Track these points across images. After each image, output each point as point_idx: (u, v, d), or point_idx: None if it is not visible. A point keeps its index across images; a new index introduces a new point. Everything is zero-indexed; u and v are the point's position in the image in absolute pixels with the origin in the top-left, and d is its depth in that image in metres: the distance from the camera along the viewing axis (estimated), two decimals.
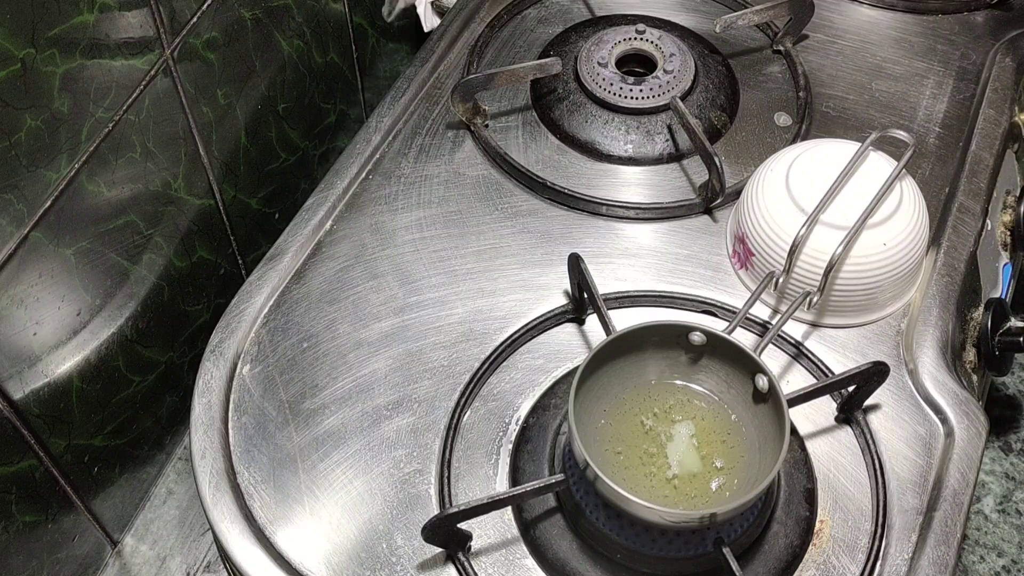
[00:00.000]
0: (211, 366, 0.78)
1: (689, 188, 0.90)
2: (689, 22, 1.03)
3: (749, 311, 0.75)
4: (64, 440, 0.78)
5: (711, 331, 0.69)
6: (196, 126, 0.84)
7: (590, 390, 0.69)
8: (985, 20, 1.05)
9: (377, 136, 0.93)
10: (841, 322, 0.81)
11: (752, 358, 0.67)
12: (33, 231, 0.68)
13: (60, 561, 0.82)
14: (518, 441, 0.74)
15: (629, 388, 0.71)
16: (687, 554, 0.67)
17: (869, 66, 1.00)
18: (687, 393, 0.71)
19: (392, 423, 0.76)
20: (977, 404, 0.76)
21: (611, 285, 0.83)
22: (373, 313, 0.82)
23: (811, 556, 0.69)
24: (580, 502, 0.68)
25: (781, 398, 0.65)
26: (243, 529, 0.70)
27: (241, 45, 0.88)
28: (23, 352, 0.71)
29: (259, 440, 0.75)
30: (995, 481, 1.08)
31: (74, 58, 0.68)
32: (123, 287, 0.81)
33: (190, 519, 0.91)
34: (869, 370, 0.71)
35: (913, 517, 0.71)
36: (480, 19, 1.03)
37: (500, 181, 0.91)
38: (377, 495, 0.72)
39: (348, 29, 1.06)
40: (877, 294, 0.79)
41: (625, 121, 0.92)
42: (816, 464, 0.73)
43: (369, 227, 0.87)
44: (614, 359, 0.69)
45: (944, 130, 0.95)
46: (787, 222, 0.79)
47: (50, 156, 0.68)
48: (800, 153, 0.82)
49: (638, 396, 0.71)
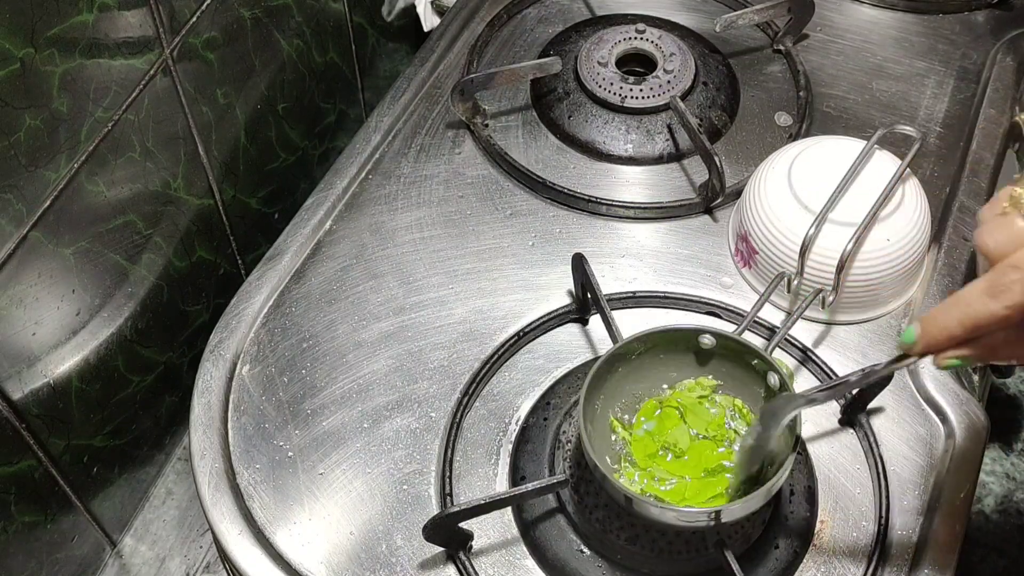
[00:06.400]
0: (210, 366, 0.78)
1: (689, 188, 0.90)
2: (689, 22, 1.02)
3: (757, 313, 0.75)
4: (63, 440, 0.77)
5: (723, 333, 0.69)
6: (195, 126, 0.84)
7: (599, 391, 0.69)
8: (986, 20, 1.05)
9: (377, 136, 0.93)
10: (845, 318, 0.81)
11: (764, 357, 0.67)
12: (32, 231, 0.68)
13: (59, 561, 0.82)
14: (518, 441, 0.74)
15: (637, 389, 0.71)
16: (688, 555, 0.67)
17: (870, 66, 1.00)
18: (695, 394, 0.71)
19: (392, 423, 0.76)
20: (978, 404, 0.76)
21: (611, 285, 0.83)
22: (373, 313, 0.82)
23: (812, 557, 0.69)
24: (581, 502, 0.68)
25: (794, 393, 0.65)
26: (242, 529, 0.70)
27: (241, 45, 0.88)
28: (22, 352, 0.71)
29: (258, 440, 0.75)
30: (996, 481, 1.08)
31: (73, 58, 0.68)
32: (122, 287, 0.81)
33: (189, 519, 0.91)
34: None
35: (914, 517, 0.71)
36: (480, 18, 1.03)
37: (500, 181, 0.91)
38: (377, 495, 0.72)
39: (348, 29, 1.06)
40: (880, 290, 0.79)
41: (625, 121, 0.92)
42: (817, 464, 0.73)
43: (369, 227, 0.87)
44: (623, 361, 0.69)
45: (945, 130, 0.95)
46: (791, 219, 0.79)
47: (49, 156, 0.68)
48: (801, 150, 0.82)
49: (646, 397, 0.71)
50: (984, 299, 0.50)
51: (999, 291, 0.49)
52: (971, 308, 0.51)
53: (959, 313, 0.51)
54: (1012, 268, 0.49)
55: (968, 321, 0.51)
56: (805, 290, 0.79)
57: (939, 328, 0.52)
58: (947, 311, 0.52)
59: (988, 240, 0.51)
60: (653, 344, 0.69)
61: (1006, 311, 0.49)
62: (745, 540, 0.68)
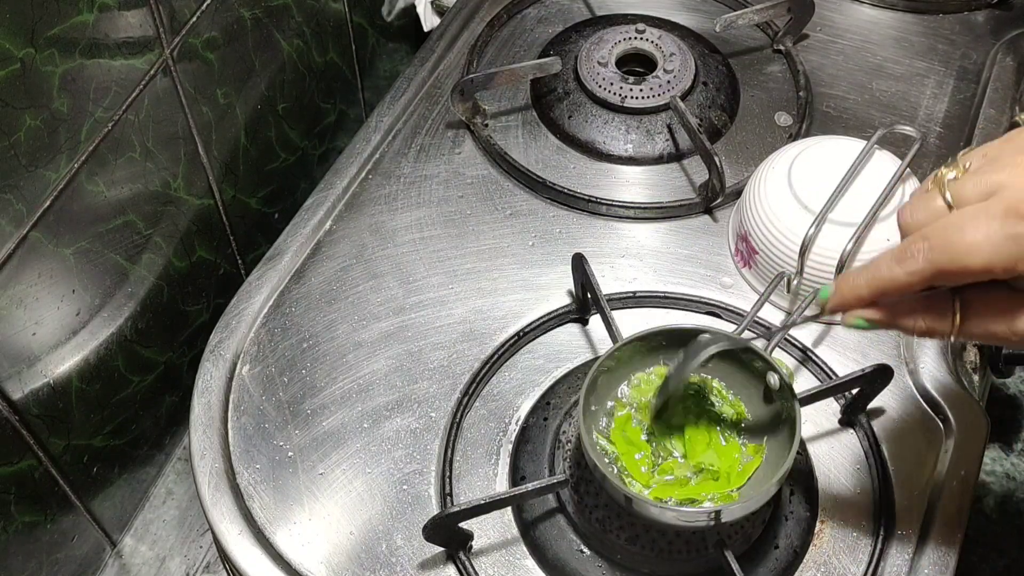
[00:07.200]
0: (210, 366, 0.78)
1: (689, 188, 0.90)
2: (689, 22, 1.02)
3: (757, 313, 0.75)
4: (63, 440, 0.77)
5: (723, 333, 0.68)
6: (195, 126, 0.84)
7: (599, 391, 0.68)
8: (986, 20, 1.05)
9: (377, 136, 0.93)
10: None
11: (764, 357, 0.67)
12: (32, 231, 0.68)
13: (59, 561, 0.82)
14: (518, 441, 0.74)
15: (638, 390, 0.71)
16: (688, 555, 0.67)
17: (870, 66, 1.00)
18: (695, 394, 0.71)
19: (392, 423, 0.76)
20: (978, 404, 0.76)
21: (611, 285, 0.83)
22: (373, 313, 0.82)
23: (812, 557, 0.69)
24: (581, 502, 0.68)
25: (793, 394, 0.65)
26: (242, 529, 0.70)
27: (241, 45, 0.88)
28: (22, 352, 0.71)
29: (258, 440, 0.75)
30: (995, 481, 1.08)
31: (73, 58, 0.68)
32: (122, 287, 0.81)
33: (189, 519, 0.91)
34: (873, 373, 0.71)
35: (914, 518, 0.71)
36: (480, 18, 1.03)
37: (500, 181, 0.91)
38: (377, 495, 0.72)
39: (348, 29, 1.06)
40: None
41: (625, 121, 0.92)
42: (817, 464, 0.73)
43: (369, 227, 0.87)
44: (624, 361, 0.69)
45: (945, 130, 0.95)
46: (791, 219, 0.79)
47: (49, 156, 0.68)
48: (801, 150, 0.82)
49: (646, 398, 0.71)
50: (891, 264, 0.53)
51: (905, 258, 0.52)
52: (879, 271, 0.53)
53: (868, 275, 0.54)
54: (921, 238, 0.51)
55: (875, 283, 0.54)
56: (805, 290, 0.79)
57: (850, 287, 0.55)
58: (859, 273, 0.55)
59: (908, 215, 0.54)
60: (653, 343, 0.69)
61: (908, 277, 0.52)
62: (745, 540, 0.68)
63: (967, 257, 0.49)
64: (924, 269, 0.51)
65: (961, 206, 0.51)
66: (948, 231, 0.50)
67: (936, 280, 0.51)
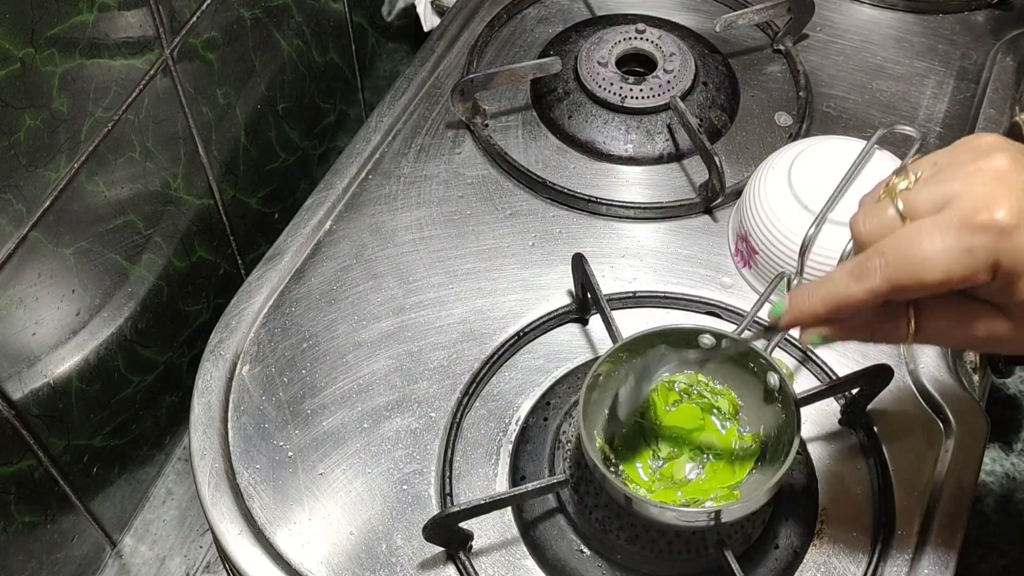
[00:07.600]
0: (210, 366, 0.78)
1: (689, 188, 0.90)
2: (689, 22, 1.02)
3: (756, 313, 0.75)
4: (63, 440, 0.77)
5: (722, 333, 0.68)
6: (195, 126, 0.84)
7: (599, 392, 0.68)
8: (986, 20, 1.05)
9: (377, 136, 0.93)
10: None
11: (763, 357, 0.67)
12: (32, 231, 0.68)
13: (59, 561, 0.82)
14: (518, 441, 0.74)
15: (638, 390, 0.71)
16: (688, 555, 0.67)
17: (870, 66, 1.00)
18: (695, 394, 0.71)
19: (392, 423, 0.76)
20: (978, 404, 0.76)
21: (612, 285, 0.83)
22: (373, 313, 0.82)
23: (812, 557, 0.69)
24: (581, 502, 0.68)
25: (792, 395, 0.65)
26: (242, 529, 0.70)
27: (241, 45, 0.88)
28: (22, 352, 0.71)
29: (258, 440, 0.75)
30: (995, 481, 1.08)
31: (73, 58, 0.68)
32: (122, 287, 0.81)
33: (189, 519, 0.91)
34: (872, 372, 0.71)
35: (914, 518, 0.71)
36: (480, 19, 1.03)
37: (500, 181, 0.91)
38: (377, 495, 0.72)
39: (348, 29, 1.06)
40: None
41: (625, 121, 0.92)
42: (817, 464, 0.73)
43: (369, 227, 0.87)
44: (623, 361, 0.69)
45: (945, 130, 0.95)
46: (791, 219, 0.79)
47: (49, 156, 0.68)
48: (802, 150, 0.82)
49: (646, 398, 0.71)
50: (847, 281, 0.51)
51: (861, 275, 0.51)
52: (835, 289, 0.52)
53: (824, 292, 0.53)
54: (877, 254, 0.50)
55: (830, 301, 0.53)
56: None
57: (804, 304, 0.54)
58: (814, 289, 0.54)
59: (860, 226, 0.53)
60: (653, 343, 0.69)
61: (865, 294, 0.51)
62: (745, 540, 0.68)
63: (924, 273, 0.49)
64: (881, 286, 0.50)
65: (914, 217, 0.50)
66: (904, 246, 0.49)
67: (893, 296, 0.51)
